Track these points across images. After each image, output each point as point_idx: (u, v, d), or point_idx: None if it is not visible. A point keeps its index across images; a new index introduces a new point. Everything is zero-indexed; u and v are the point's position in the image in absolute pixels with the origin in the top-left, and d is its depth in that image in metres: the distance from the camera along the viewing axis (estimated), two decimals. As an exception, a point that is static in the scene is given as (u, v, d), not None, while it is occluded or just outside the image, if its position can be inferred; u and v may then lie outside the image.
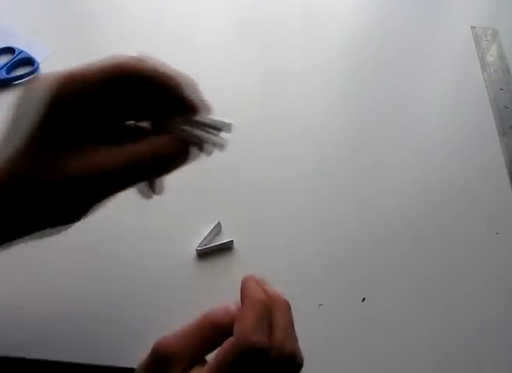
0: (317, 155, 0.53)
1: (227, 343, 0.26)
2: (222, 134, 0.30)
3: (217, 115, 0.30)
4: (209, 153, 0.31)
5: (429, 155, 0.54)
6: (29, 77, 0.57)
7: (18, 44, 0.60)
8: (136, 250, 0.44)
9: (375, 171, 0.52)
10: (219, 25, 0.67)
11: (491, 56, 0.66)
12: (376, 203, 0.49)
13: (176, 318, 0.30)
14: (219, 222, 0.46)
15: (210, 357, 0.26)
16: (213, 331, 0.28)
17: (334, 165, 0.52)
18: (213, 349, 0.27)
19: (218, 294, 0.34)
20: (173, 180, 0.32)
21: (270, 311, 0.28)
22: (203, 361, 0.27)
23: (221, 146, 0.31)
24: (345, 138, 0.55)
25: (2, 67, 0.57)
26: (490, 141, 0.56)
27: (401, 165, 0.53)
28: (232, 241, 0.45)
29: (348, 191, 0.50)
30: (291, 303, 0.29)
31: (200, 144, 0.30)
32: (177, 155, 0.29)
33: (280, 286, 0.29)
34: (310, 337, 0.40)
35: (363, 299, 0.43)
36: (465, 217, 0.49)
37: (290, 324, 0.28)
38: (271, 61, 0.63)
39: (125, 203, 0.35)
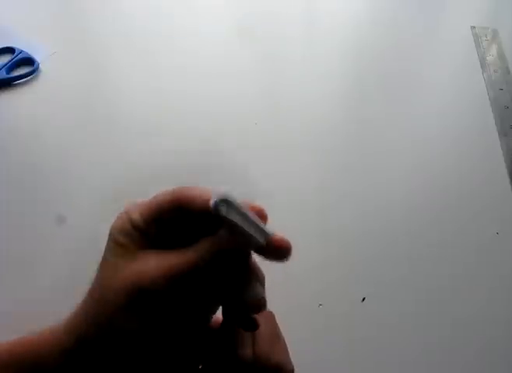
0: (318, 153, 0.53)
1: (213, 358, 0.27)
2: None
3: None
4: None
5: (429, 154, 0.54)
6: (29, 77, 0.57)
7: (18, 44, 0.60)
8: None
9: (375, 173, 0.52)
10: (219, 27, 0.67)
11: (491, 56, 0.66)
12: (376, 204, 0.49)
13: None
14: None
15: None
16: None
17: (334, 166, 0.53)
18: None
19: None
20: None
21: None
22: None
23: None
24: (345, 141, 0.55)
25: (2, 67, 0.57)
26: (490, 141, 0.56)
27: (400, 166, 0.53)
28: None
29: (348, 192, 0.50)
30: (291, 303, 0.29)
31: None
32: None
33: (280, 286, 0.29)
34: (310, 337, 0.40)
35: (363, 299, 0.43)
36: (465, 217, 0.49)
37: (275, 334, 0.28)
38: (272, 63, 0.63)
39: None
